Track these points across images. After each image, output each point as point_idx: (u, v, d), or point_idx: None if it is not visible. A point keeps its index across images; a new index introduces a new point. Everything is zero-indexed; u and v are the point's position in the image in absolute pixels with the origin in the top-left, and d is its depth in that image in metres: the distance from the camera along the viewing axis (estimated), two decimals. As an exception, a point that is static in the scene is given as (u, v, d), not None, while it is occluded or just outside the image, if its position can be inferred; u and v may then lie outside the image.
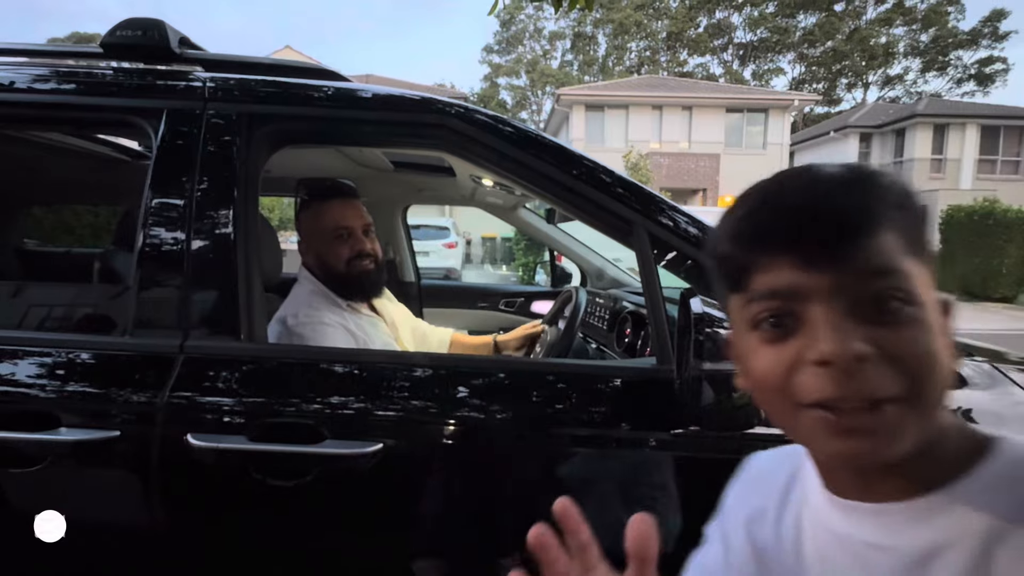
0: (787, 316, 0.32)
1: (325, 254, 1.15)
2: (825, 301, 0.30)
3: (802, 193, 0.32)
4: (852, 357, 0.29)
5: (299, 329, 1.03)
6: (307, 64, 1.04)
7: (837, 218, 0.30)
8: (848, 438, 0.30)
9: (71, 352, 0.80)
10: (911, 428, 0.30)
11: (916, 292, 0.30)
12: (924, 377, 0.30)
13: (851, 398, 0.29)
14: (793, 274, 0.31)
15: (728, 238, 0.34)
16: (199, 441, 0.71)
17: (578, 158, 0.91)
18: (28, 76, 0.92)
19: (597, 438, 0.77)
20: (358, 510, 0.77)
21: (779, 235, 0.31)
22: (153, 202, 0.84)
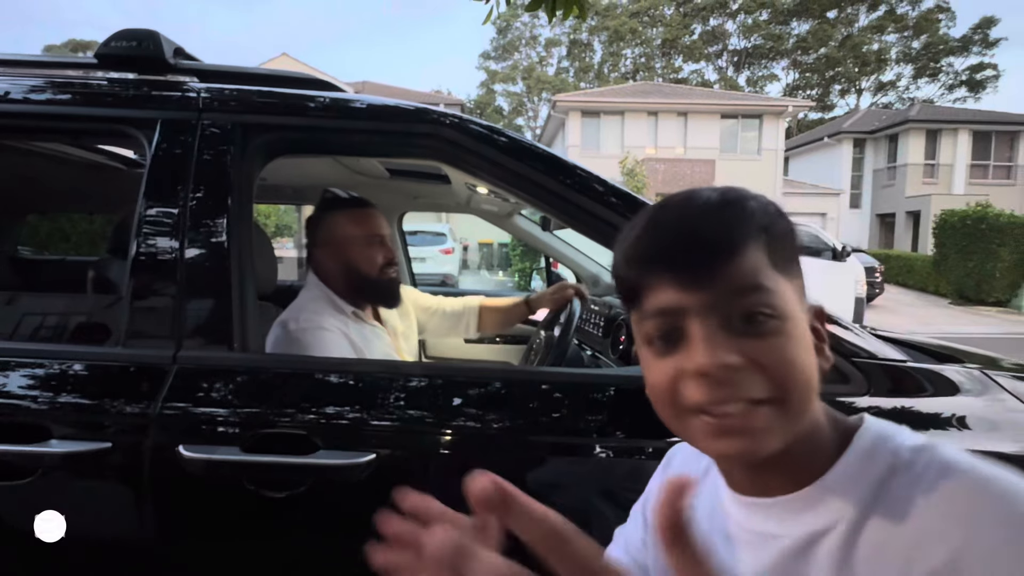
0: (672, 331, 0.35)
1: (357, 259, 1.13)
2: (701, 317, 0.34)
3: (677, 220, 0.36)
4: (723, 367, 0.33)
5: (299, 334, 1.02)
6: (301, 74, 1.05)
7: (706, 243, 0.34)
8: (726, 438, 0.34)
9: (63, 363, 0.80)
10: (781, 427, 0.34)
11: (780, 306, 0.34)
12: (789, 381, 0.33)
13: (725, 402, 0.33)
14: (674, 294, 0.34)
15: (623, 260, 0.38)
16: (191, 452, 0.71)
17: (571, 168, 0.91)
18: (24, 86, 0.93)
19: (591, 447, 0.77)
20: (351, 521, 0.77)
21: (659, 259, 0.35)
22: (146, 212, 0.84)
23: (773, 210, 0.36)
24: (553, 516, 0.35)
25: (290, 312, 1.09)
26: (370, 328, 1.16)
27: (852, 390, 0.80)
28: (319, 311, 1.08)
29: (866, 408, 0.78)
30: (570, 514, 0.77)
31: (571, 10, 2.15)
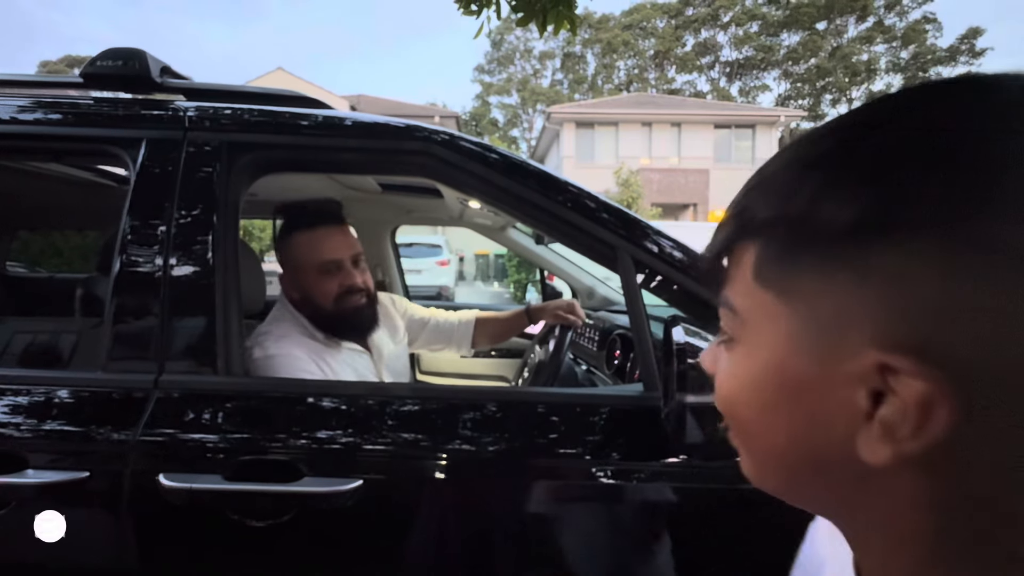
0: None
1: (310, 290, 1.05)
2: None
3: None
4: (704, 366, 0.29)
5: (266, 362, 0.96)
6: (290, 92, 1.04)
7: (706, 257, 0.28)
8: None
9: (42, 389, 0.77)
10: (746, 461, 0.26)
11: (738, 326, 0.25)
12: (727, 412, 0.26)
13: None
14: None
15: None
16: (171, 482, 0.69)
17: (563, 184, 0.91)
18: (11, 107, 0.92)
19: (586, 470, 0.76)
20: (338, 549, 0.74)
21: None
22: (129, 232, 0.82)
23: (819, 181, 0.21)
24: None
25: (255, 339, 1.01)
26: (348, 352, 1.08)
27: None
28: (286, 335, 1.01)
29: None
30: (565, 539, 0.75)
31: (562, 24, 2.17)
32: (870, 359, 0.19)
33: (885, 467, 0.20)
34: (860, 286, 0.19)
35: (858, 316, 0.20)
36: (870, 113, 0.21)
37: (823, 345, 0.21)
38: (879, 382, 0.19)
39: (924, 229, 0.18)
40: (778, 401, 0.23)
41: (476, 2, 2.20)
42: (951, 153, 0.18)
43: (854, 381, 0.20)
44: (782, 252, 0.22)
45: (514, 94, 35.94)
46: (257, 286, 1.11)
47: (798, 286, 0.22)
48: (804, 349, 0.22)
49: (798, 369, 0.22)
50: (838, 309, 0.20)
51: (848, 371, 0.20)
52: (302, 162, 0.95)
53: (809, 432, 0.22)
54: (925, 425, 0.18)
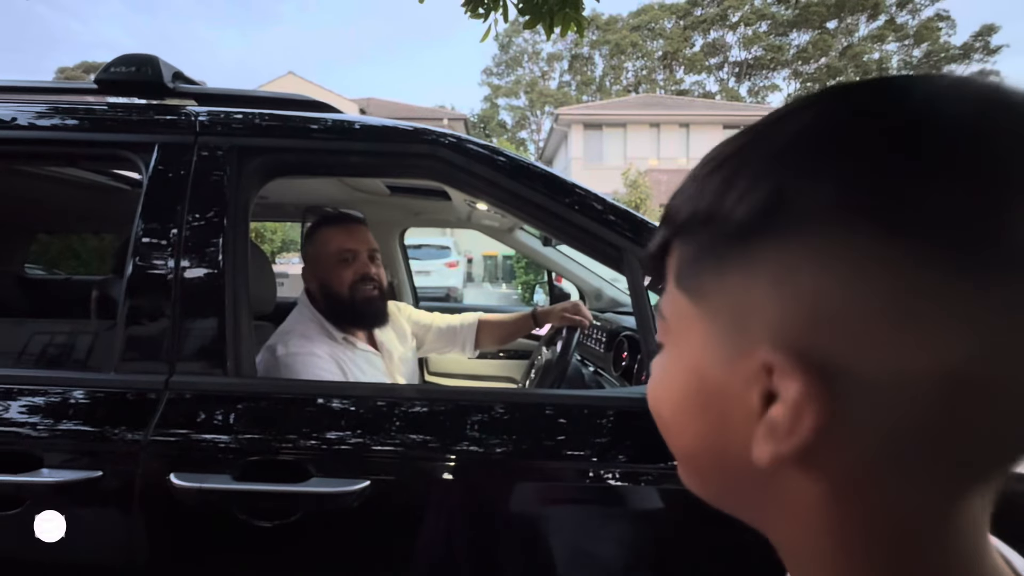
0: None
1: (328, 278, 1.12)
2: None
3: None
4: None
5: (288, 360, 1.00)
6: (299, 96, 1.05)
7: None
8: None
9: (57, 389, 0.79)
10: (681, 469, 0.26)
11: (664, 330, 0.25)
12: (657, 420, 0.26)
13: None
14: None
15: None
16: (182, 481, 0.69)
17: (569, 186, 0.91)
18: (29, 113, 0.94)
19: (594, 473, 0.75)
20: (345, 550, 0.75)
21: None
22: (142, 235, 0.84)
23: (720, 177, 0.21)
24: None
25: (278, 336, 1.07)
26: (362, 354, 1.13)
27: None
28: (310, 336, 1.06)
29: None
30: (572, 540, 0.75)
31: (569, 26, 2.17)
32: (759, 358, 0.19)
33: (775, 469, 0.19)
34: (752, 286, 0.19)
35: (753, 315, 0.19)
36: (770, 116, 0.21)
37: (728, 347, 0.21)
38: (768, 382, 0.19)
39: (803, 229, 0.18)
40: (693, 404, 0.23)
41: (483, 5, 2.21)
42: (832, 158, 0.18)
43: (750, 381, 0.20)
44: (695, 254, 0.22)
45: (522, 96, 35.99)
46: (268, 288, 1.12)
47: (706, 288, 0.21)
48: (714, 352, 0.21)
49: (711, 372, 0.21)
50: (738, 309, 0.20)
51: (745, 371, 0.20)
52: (311, 165, 0.96)
53: (718, 435, 0.22)
54: (797, 425, 0.18)
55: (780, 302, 0.18)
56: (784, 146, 0.19)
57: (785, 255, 0.18)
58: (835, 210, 0.17)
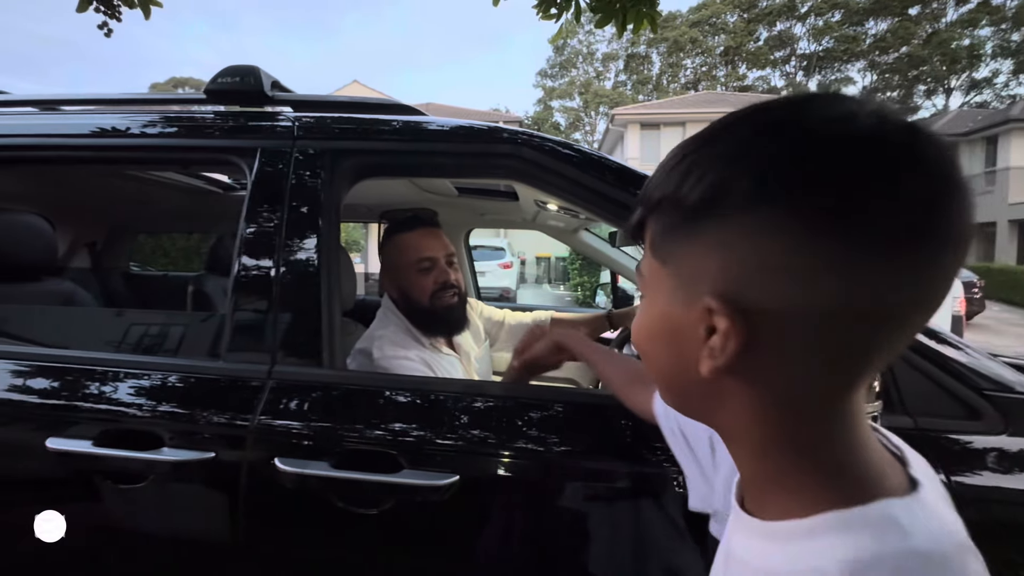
0: None
1: (408, 288, 1.12)
2: None
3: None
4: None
5: (384, 363, 1.03)
6: (384, 100, 1.09)
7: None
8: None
9: (172, 375, 0.86)
10: (657, 386, 0.38)
11: (642, 284, 0.33)
12: (638, 351, 0.35)
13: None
14: None
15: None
16: (286, 466, 0.74)
17: (641, 177, 0.89)
18: (141, 121, 1.03)
19: (666, 475, 0.73)
20: (431, 542, 0.77)
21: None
22: (247, 234, 0.89)
23: (683, 169, 0.28)
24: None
25: (371, 341, 1.08)
26: (446, 358, 1.14)
27: (983, 428, 0.71)
28: (402, 343, 1.08)
29: (999, 450, 0.69)
30: (646, 539, 0.73)
31: (642, 24, 2.12)
32: (704, 304, 0.27)
33: (716, 379, 0.28)
34: (704, 251, 0.27)
35: (702, 273, 0.28)
36: (721, 122, 0.28)
37: (685, 295, 0.29)
38: (709, 320, 0.27)
39: (735, 210, 0.25)
40: (662, 338, 0.32)
41: (556, 5, 2.20)
42: (752, 159, 0.25)
43: (698, 320, 0.28)
44: (664, 228, 0.30)
45: (576, 97, 35.74)
46: (350, 284, 1.17)
47: (671, 253, 0.30)
48: (676, 300, 0.30)
49: (673, 314, 0.30)
50: (692, 269, 0.28)
51: (696, 314, 0.28)
52: (398, 166, 0.99)
53: (679, 359, 0.31)
54: (726, 346, 0.27)
55: (719, 263, 0.27)
56: (726, 148, 0.27)
57: (723, 229, 0.26)
58: (753, 196, 0.25)
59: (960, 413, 0.72)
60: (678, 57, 33.94)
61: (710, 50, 33.57)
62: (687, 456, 0.57)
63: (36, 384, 0.86)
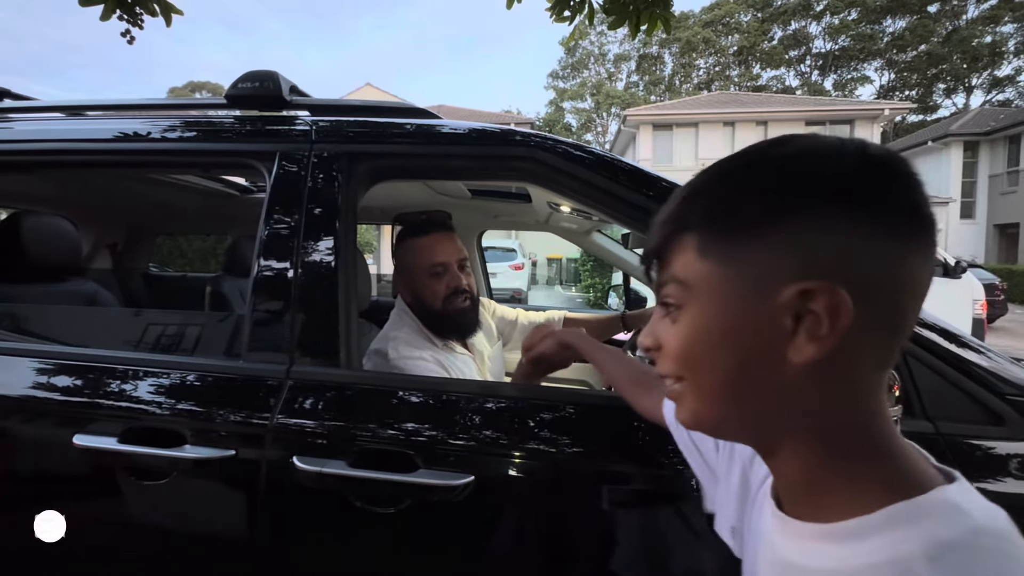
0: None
1: (421, 291, 1.14)
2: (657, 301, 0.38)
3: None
4: (644, 346, 0.38)
5: (399, 363, 1.04)
6: (400, 104, 1.10)
7: (652, 239, 0.37)
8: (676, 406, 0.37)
9: (193, 374, 0.88)
10: (697, 403, 0.35)
11: (688, 296, 0.34)
12: (684, 365, 0.35)
13: (661, 374, 0.37)
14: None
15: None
16: (305, 464, 0.75)
17: (656, 179, 0.89)
18: (163, 126, 1.05)
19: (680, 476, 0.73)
20: (446, 542, 0.77)
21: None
22: (266, 236, 0.91)
23: (726, 188, 0.33)
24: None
25: (386, 342, 1.09)
26: (460, 358, 1.15)
27: (1006, 433, 0.70)
28: (416, 344, 1.09)
29: (1023, 456, 0.68)
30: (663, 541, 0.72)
31: (656, 25, 2.11)
32: (793, 291, 0.29)
33: (804, 367, 0.30)
34: (774, 246, 0.30)
35: (777, 267, 0.30)
36: (770, 142, 0.32)
37: (757, 292, 0.31)
38: (799, 306, 0.29)
39: (809, 213, 0.30)
40: (722, 340, 0.32)
41: (569, 7, 2.20)
42: (821, 173, 0.30)
43: (782, 311, 0.30)
44: (720, 234, 0.32)
45: (588, 98, 35.65)
46: (365, 285, 1.19)
47: (735, 254, 0.31)
48: (741, 298, 0.31)
49: (741, 313, 0.31)
50: (762, 265, 0.30)
51: (777, 305, 0.30)
52: (413, 169, 1.01)
53: (749, 357, 0.31)
54: (836, 324, 0.29)
55: (803, 255, 0.29)
56: (786, 164, 0.31)
57: (800, 229, 0.30)
58: (827, 203, 0.30)
59: (982, 418, 0.71)
60: (691, 57, 33.71)
61: (723, 50, 33.28)
62: (697, 459, 0.57)
63: (62, 382, 0.89)
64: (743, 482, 0.47)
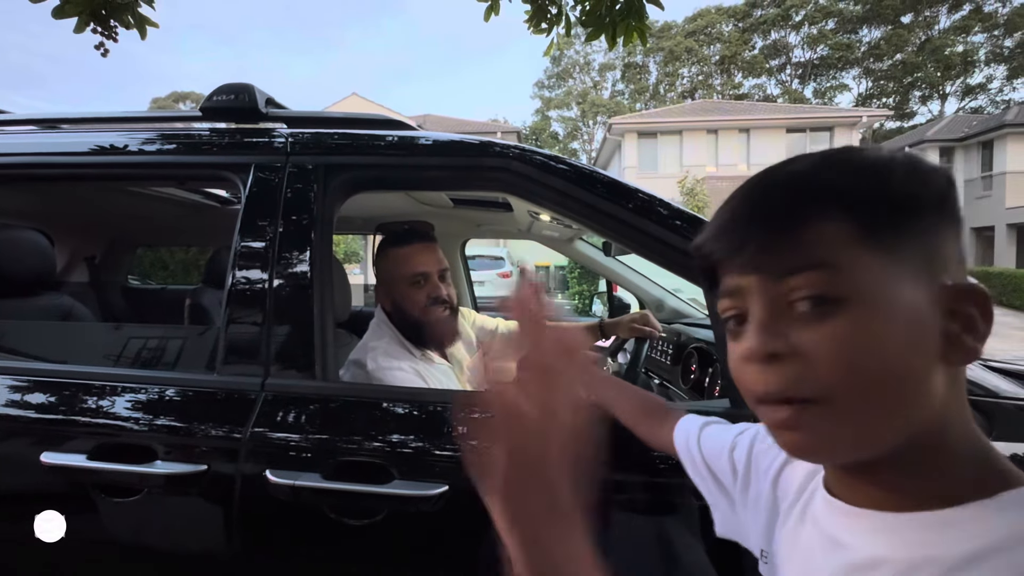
0: (740, 314, 0.33)
1: (401, 301, 1.14)
2: (759, 299, 0.32)
3: (746, 191, 0.34)
4: (764, 355, 0.31)
5: (378, 374, 1.04)
6: (377, 116, 1.11)
7: (762, 217, 0.32)
8: (782, 432, 0.32)
9: (167, 388, 0.87)
10: (835, 431, 0.30)
11: (850, 288, 0.29)
12: (838, 379, 0.29)
13: (773, 395, 0.31)
14: (736, 273, 0.33)
15: (703, 236, 0.35)
16: (277, 477, 0.74)
17: (633, 191, 0.90)
18: (141, 139, 1.04)
19: (674, 486, 0.74)
20: (422, 552, 0.77)
21: (722, 235, 0.33)
22: (241, 248, 0.91)
23: (878, 173, 0.30)
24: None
25: (364, 352, 1.10)
26: (438, 367, 1.16)
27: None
28: (395, 354, 1.09)
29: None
30: (638, 548, 0.73)
31: (632, 37, 2.15)
32: (952, 290, 0.29)
33: (954, 369, 0.30)
34: (933, 238, 0.30)
35: (932, 259, 0.30)
36: (864, 146, 0.33)
37: (922, 281, 0.29)
38: (951, 299, 0.29)
39: (939, 210, 0.30)
40: (904, 336, 0.29)
41: (546, 20, 2.24)
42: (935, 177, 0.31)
43: (935, 303, 0.29)
44: (887, 223, 0.29)
45: (574, 107, 36.01)
46: (345, 297, 1.19)
47: (902, 245, 0.29)
48: (914, 288, 0.29)
49: (913, 302, 0.29)
50: (924, 257, 0.29)
51: (931, 296, 0.29)
52: (390, 180, 1.01)
53: (913, 357, 0.29)
54: (990, 324, 0.29)
55: (948, 250, 0.30)
56: (910, 163, 0.31)
57: (945, 225, 0.30)
58: (945, 200, 0.31)
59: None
60: (675, 66, 34.26)
61: (706, 59, 33.89)
62: (710, 485, 0.54)
63: (32, 399, 0.87)
64: (770, 503, 0.45)
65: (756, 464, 0.49)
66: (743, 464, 0.50)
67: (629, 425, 0.72)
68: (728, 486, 0.51)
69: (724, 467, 0.52)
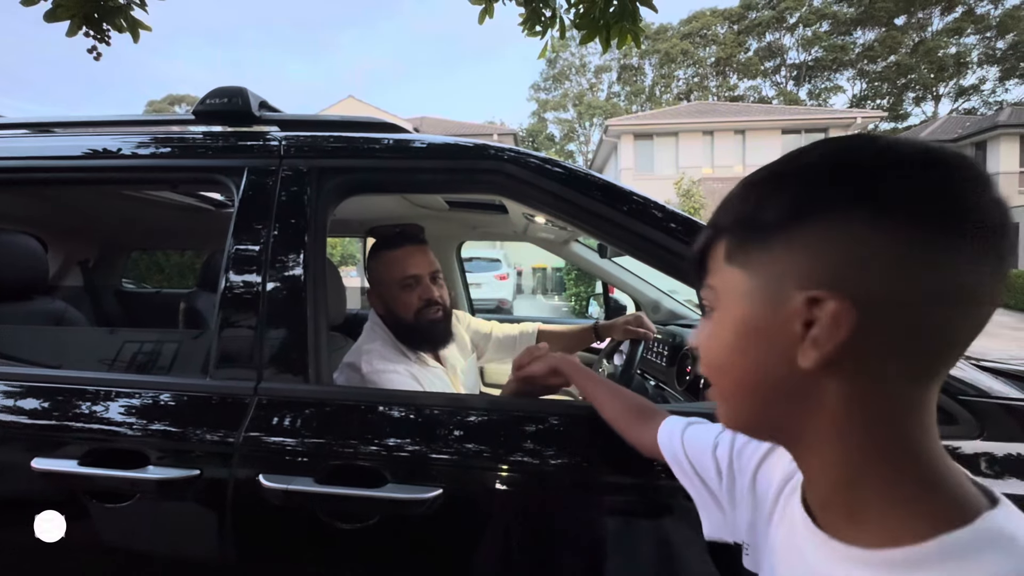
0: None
1: (393, 303, 1.15)
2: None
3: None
4: (689, 345, 0.43)
5: (373, 377, 1.04)
6: (370, 119, 1.11)
7: (699, 242, 0.37)
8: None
9: (160, 392, 0.86)
10: (719, 404, 0.37)
11: (714, 298, 0.36)
12: (708, 367, 0.36)
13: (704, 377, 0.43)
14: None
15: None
16: (271, 482, 0.74)
17: (627, 194, 0.90)
18: (134, 142, 1.04)
19: (665, 487, 0.74)
20: (417, 557, 0.77)
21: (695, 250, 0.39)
22: (234, 251, 0.90)
23: (747, 196, 0.33)
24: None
25: (359, 355, 1.09)
26: (432, 370, 1.15)
27: (959, 432, 0.72)
28: (388, 356, 1.09)
29: (975, 454, 0.70)
30: (630, 553, 0.73)
31: (626, 40, 2.16)
32: (801, 298, 0.29)
33: (814, 372, 0.30)
34: (788, 253, 0.30)
35: (790, 273, 0.30)
36: (789, 156, 0.33)
37: (771, 297, 0.31)
38: (808, 313, 0.29)
39: (823, 220, 0.29)
40: (742, 344, 0.33)
41: (540, 23, 2.24)
42: (834, 180, 0.30)
43: (793, 316, 0.30)
44: (741, 240, 0.33)
45: (570, 109, 36.10)
46: (339, 300, 1.18)
47: (753, 260, 0.32)
48: (760, 303, 0.32)
49: (756, 317, 0.32)
50: (777, 271, 0.31)
51: (789, 310, 0.30)
52: (384, 183, 1.01)
53: (765, 360, 0.32)
54: (833, 334, 0.28)
55: (814, 260, 0.29)
56: (804, 170, 0.31)
57: (813, 235, 0.29)
58: (843, 206, 0.29)
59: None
60: (670, 68, 34.39)
61: (701, 61, 34.03)
62: (697, 486, 0.55)
63: (24, 404, 0.87)
64: (751, 500, 0.47)
65: (738, 461, 0.50)
66: (726, 462, 0.51)
67: (618, 429, 0.72)
68: (714, 486, 0.52)
69: (708, 466, 0.53)
